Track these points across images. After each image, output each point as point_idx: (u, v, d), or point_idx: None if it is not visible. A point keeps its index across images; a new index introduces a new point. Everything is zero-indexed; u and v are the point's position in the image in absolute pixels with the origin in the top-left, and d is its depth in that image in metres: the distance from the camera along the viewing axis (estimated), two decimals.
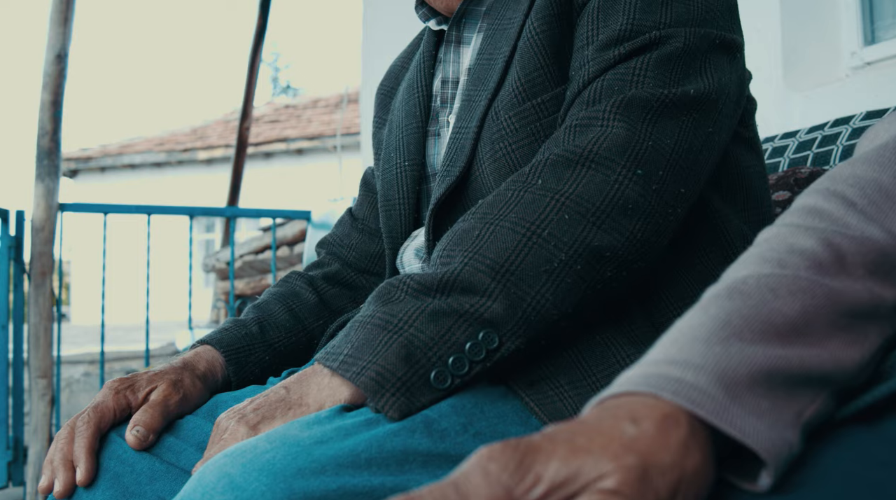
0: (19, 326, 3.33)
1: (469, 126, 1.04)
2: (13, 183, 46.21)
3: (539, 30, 1.01)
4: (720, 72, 0.97)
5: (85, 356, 4.78)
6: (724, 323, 0.53)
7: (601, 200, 0.87)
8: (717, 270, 0.99)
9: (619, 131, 0.89)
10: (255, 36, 5.32)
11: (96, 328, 11.03)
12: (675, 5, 0.97)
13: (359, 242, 1.32)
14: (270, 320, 1.22)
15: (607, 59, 0.95)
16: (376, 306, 0.87)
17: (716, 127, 0.95)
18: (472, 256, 0.86)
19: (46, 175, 3.42)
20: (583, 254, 0.85)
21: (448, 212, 1.05)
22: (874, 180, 0.63)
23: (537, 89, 1.00)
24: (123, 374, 4.17)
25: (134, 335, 9.91)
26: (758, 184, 1.09)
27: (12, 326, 3.32)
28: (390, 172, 1.18)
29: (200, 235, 16.42)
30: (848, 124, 1.49)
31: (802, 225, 0.61)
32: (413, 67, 1.24)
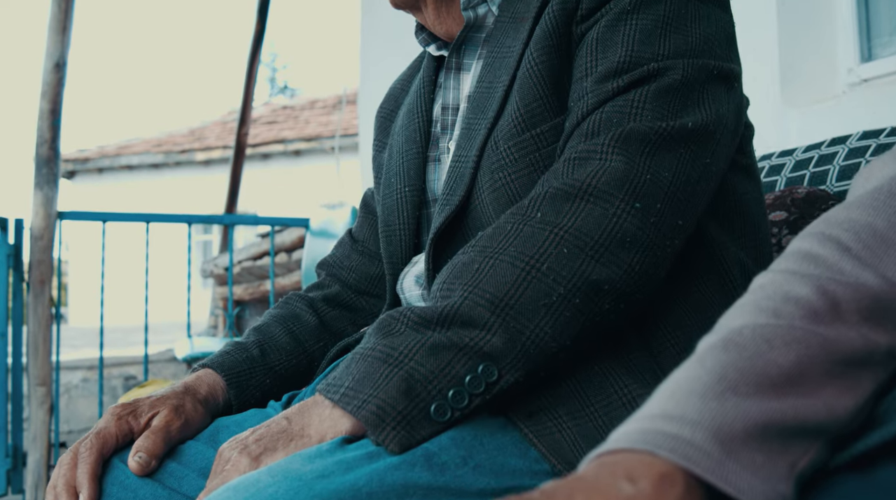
0: (18, 333, 3.34)
1: (469, 155, 1.05)
2: (12, 191, 46.21)
3: (538, 60, 1.02)
4: (718, 103, 0.98)
5: (83, 362, 4.78)
6: (720, 377, 0.54)
7: (599, 234, 0.88)
8: (714, 298, 1.00)
9: (617, 165, 0.90)
10: (254, 41, 5.32)
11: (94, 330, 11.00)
12: (674, 37, 0.98)
13: (359, 264, 1.33)
14: (271, 342, 1.23)
15: (606, 91, 0.96)
16: (377, 338, 0.88)
17: (713, 158, 0.96)
18: (471, 289, 0.87)
19: (45, 183, 3.42)
20: (581, 287, 0.86)
21: (448, 240, 1.06)
22: (868, 225, 0.64)
23: (536, 120, 1.01)
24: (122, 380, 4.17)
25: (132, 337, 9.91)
26: (755, 210, 1.10)
27: (11, 333, 3.33)
28: (391, 198, 1.19)
29: (198, 236, 16.42)
30: (844, 144, 1.50)
31: (798, 271, 0.62)
32: (413, 92, 1.25)
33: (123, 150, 16.43)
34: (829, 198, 1.41)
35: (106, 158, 16.32)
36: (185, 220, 3.68)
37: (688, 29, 0.99)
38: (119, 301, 6.35)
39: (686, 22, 0.99)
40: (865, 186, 0.71)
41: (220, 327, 4.89)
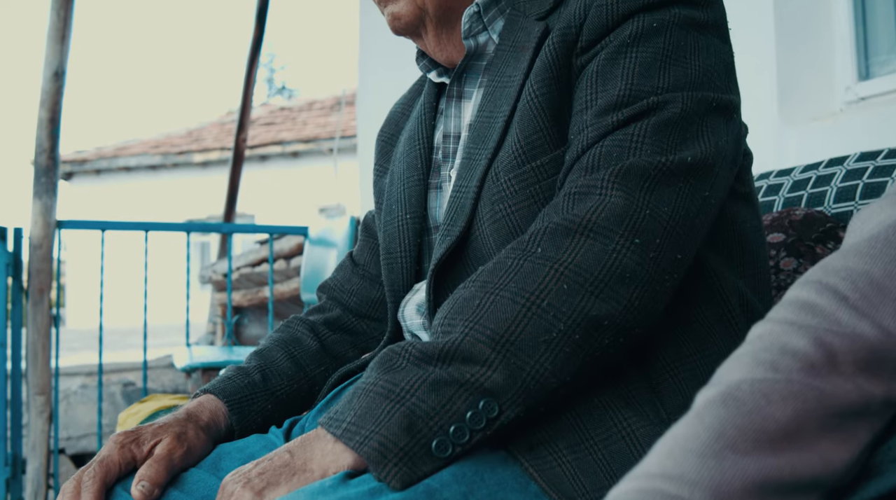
0: (18, 341, 3.35)
1: (469, 185, 1.06)
2: (11, 200, 46.15)
3: (539, 92, 1.02)
4: (717, 135, 0.98)
5: (82, 368, 4.79)
6: (718, 434, 0.55)
7: (599, 270, 0.89)
8: (713, 328, 1.01)
9: (617, 201, 0.91)
10: (252, 46, 5.33)
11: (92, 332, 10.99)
12: (673, 69, 0.98)
13: (360, 287, 1.34)
14: (272, 367, 1.24)
15: (606, 125, 0.97)
16: (379, 373, 0.89)
17: (712, 190, 0.97)
18: (472, 326, 0.88)
19: (44, 192, 3.43)
20: (581, 323, 0.87)
21: (449, 270, 1.07)
22: (865, 273, 0.65)
23: (536, 152, 1.02)
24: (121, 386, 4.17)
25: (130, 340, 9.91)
26: (753, 238, 1.11)
27: (11, 341, 3.33)
28: (392, 225, 1.20)
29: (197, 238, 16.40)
30: (842, 165, 1.51)
31: (795, 322, 0.63)
32: (414, 118, 1.26)
33: (121, 151, 16.42)
34: (826, 220, 1.41)
35: (103, 160, 16.31)
36: (183, 228, 3.68)
37: (687, 61, 0.99)
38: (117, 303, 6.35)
39: (686, 54, 1.00)
40: (863, 229, 0.72)
41: (219, 333, 4.90)
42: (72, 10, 3.53)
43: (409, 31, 1.19)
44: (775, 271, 1.39)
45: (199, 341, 5.25)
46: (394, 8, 1.17)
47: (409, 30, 1.19)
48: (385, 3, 1.18)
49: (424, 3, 1.15)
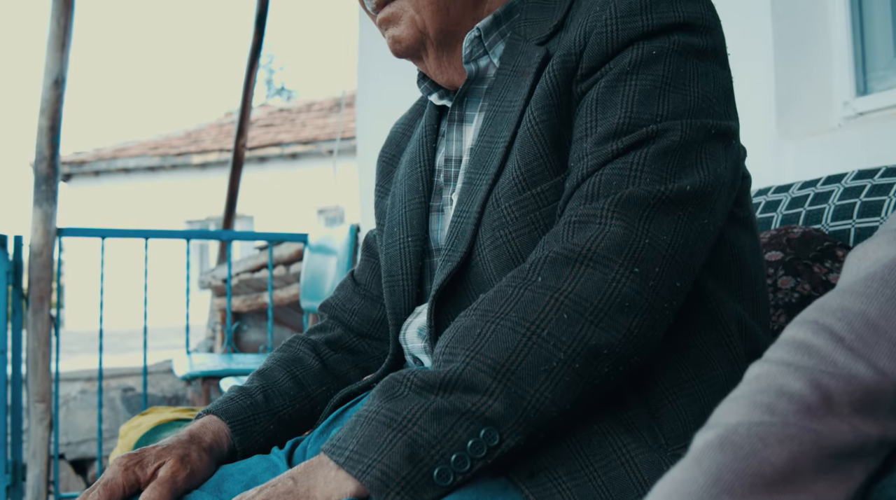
0: (17, 349, 3.35)
1: (470, 211, 1.07)
2: (11, 207, 46.11)
3: (539, 119, 1.03)
4: (716, 162, 0.99)
5: (82, 374, 4.79)
6: (715, 479, 0.56)
7: (599, 299, 0.90)
8: (712, 352, 1.02)
9: (616, 230, 0.92)
10: (251, 52, 5.33)
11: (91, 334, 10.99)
12: (673, 96, 0.99)
13: (361, 307, 1.35)
14: (274, 388, 1.25)
15: (605, 153, 0.98)
16: (381, 401, 0.90)
17: (711, 218, 0.98)
18: (473, 355, 0.89)
19: (44, 200, 3.44)
20: (581, 352, 0.88)
21: (450, 296, 1.08)
22: (861, 313, 0.66)
23: (537, 179, 1.03)
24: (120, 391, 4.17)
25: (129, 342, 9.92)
26: (752, 262, 1.12)
27: (11, 348, 3.34)
28: (394, 247, 1.20)
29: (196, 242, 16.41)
30: (840, 183, 1.52)
31: (792, 363, 0.64)
32: (415, 140, 1.27)
33: (120, 152, 16.42)
34: (824, 239, 1.42)
35: (102, 161, 16.32)
36: (183, 236, 3.69)
37: (686, 88, 1.00)
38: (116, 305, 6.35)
39: (685, 81, 1.01)
40: (859, 266, 0.73)
41: (219, 339, 4.91)
42: (72, 17, 3.53)
43: (409, 54, 1.20)
44: (773, 290, 1.40)
45: (199, 346, 5.25)
46: (394, 31, 1.18)
47: (410, 53, 1.20)
48: (386, 26, 1.19)
49: (425, 27, 1.16)
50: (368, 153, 4.02)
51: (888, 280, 0.68)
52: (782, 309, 1.37)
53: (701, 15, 1.05)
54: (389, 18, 1.17)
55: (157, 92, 53.67)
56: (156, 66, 59.57)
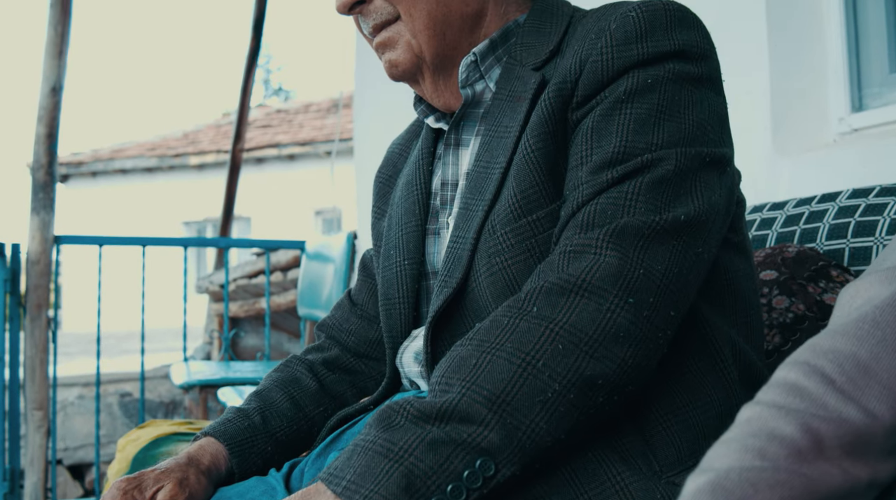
0: (15, 357, 3.36)
1: (466, 237, 1.08)
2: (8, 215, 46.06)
3: (535, 147, 1.04)
4: (710, 190, 1.00)
5: (79, 379, 4.80)
6: None
7: (594, 329, 0.90)
8: (706, 378, 1.03)
9: (611, 260, 0.93)
10: (249, 57, 5.33)
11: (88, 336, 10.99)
12: (667, 125, 1.00)
13: (358, 327, 1.36)
14: (272, 409, 1.26)
15: (600, 182, 0.98)
16: (377, 430, 0.91)
17: (705, 246, 0.99)
18: (469, 385, 0.89)
19: (42, 208, 3.44)
20: (576, 383, 0.89)
21: (446, 322, 1.08)
22: (852, 355, 0.67)
23: (532, 206, 1.04)
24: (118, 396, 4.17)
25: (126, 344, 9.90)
26: (745, 286, 1.12)
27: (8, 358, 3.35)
28: (390, 270, 1.21)
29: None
30: (835, 201, 1.53)
31: (783, 406, 0.65)
32: (412, 163, 1.27)
33: (117, 153, 16.40)
34: (819, 258, 1.43)
35: (100, 162, 16.30)
36: (181, 243, 3.70)
37: (681, 116, 1.01)
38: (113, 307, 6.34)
39: (680, 109, 1.01)
40: (851, 304, 0.74)
41: (216, 344, 4.91)
42: (69, 25, 3.54)
43: (406, 78, 1.21)
44: (767, 310, 1.40)
45: (196, 351, 5.26)
46: (391, 55, 1.19)
47: (407, 77, 1.20)
48: (382, 50, 1.20)
49: (422, 51, 1.16)
50: (366, 155, 4.02)
51: (879, 322, 0.68)
52: (776, 329, 1.38)
53: (696, 43, 1.06)
54: (386, 43, 1.18)
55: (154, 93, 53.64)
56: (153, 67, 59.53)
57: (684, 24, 1.06)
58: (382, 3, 1.16)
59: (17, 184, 53.15)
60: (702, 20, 1.09)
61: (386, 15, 1.16)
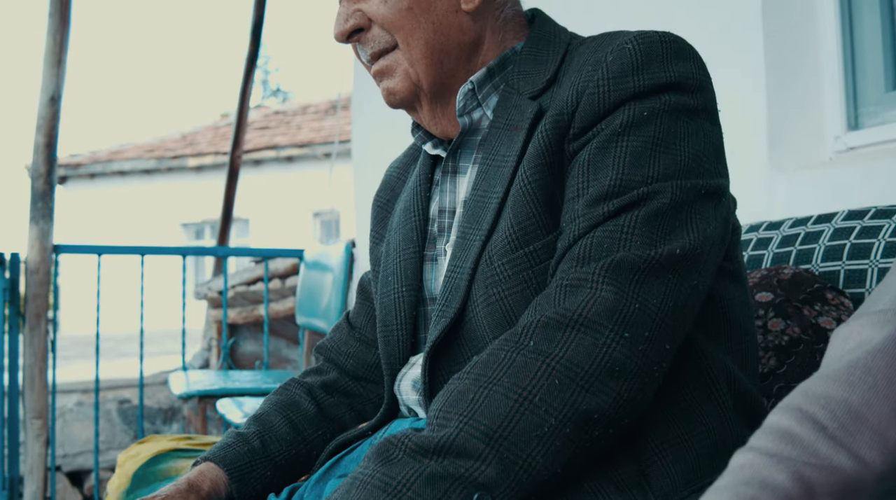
0: (14, 365, 3.37)
1: (464, 267, 1.09)
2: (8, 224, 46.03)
3: (532, 178, 1.05)
4: (705, 221, 1.01)
5: (78, 385, 4.80)
6: None
7: (589, 364, 0.91)
8: (701, 407, 1.04)
9: (607, 295, 0.94)
10: (247, 63, 5.33)
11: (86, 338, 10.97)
12: (663, 157, 1.01)
13: (356, 350, 1.37)
14: (271, 433, 1.27)
15: (597, 215, 0.99)
16: (376, 464, 0.91)
17: (700, 278, 1.00)
18: (467, 420, 0.90)
19: (41, 218, 3.45)
20: (572, 418, 0.90)
21: (443, 352, 1.09)
22: (844, 401, 0.68)
23: (529, 237, 1.05)
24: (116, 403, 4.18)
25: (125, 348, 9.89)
26: (741, 313, 1.13)
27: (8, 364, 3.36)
28: (388, 297, 1.22)
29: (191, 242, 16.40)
30: (830, 222, 1.54)
31: (775, 454, 0.66)
32: (409, 188, 1.28)
33: (115, 155, 16.40)
34: (814, 280, 1.44)
35: (98, 164, 16.29)
36: (179, 252, 3.71)
37: (677, 148, 1.02)
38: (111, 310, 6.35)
39: (676, 141, 1.02)
40: (844, 346, 0.75)
41: (215, 351, 4.92)
42: (67, 34, 3.54)
43: (404, 106, 1.22)
44: (763, 332, 1.41)
45: (195, 357, 5.26)
46: (389, 83, 1.19)
47: (405, 105, 1.21)
48: (380, 78, 1.21)
49: (419, 80, 1.17)
50: (364, 157, 4.02)
51: (871, 367, 0.69)
52: (772, 352, 1.39)
53: (692, 74, 1.06)
54: (384, 71, 1.19)
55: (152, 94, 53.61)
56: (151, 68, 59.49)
57: (680, 55, 1.07)
58: (380, 31, 1.17)
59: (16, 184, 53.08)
60: (697, 51, 1.10)
61: (384, 43, 1.17)
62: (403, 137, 1.24)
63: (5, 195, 52.90)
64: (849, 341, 0.75)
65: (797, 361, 1.37)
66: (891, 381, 0.69)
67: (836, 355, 0.75)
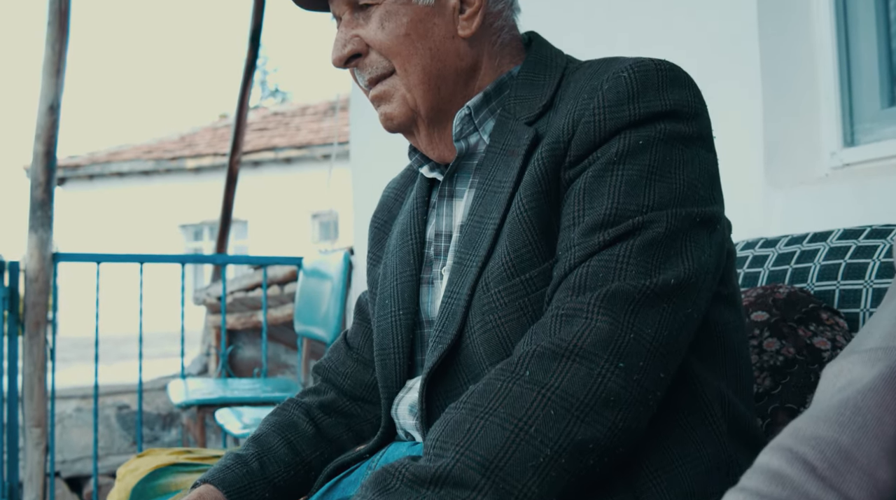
0: (13, 375, 3.38)
1: (461, 293, 1.09)
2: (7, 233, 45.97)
3: (528, 206, 1.06)
4: (700, 249, 1.02)
5: (77, 391, 4.81)
6: None
7: (585, 395, 0.92)
8: (695, 433, 1.05)
9: (602, 326, 0.95)
10: (246, 68, 5.34)
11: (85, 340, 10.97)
12: (658, 186, 1.02)
13: (354, 370, 1.37)
14: (270, 455, 1.27)
15: (592, 244, 1.00)
16: (373, 494, 0.92)
17: (695, 306, 1.01)
18: (463, 451, 0.91)
19: (40, 226, 3.46)
20: (567, 448, 0.91)
21: (440, 378, 1.10)
22: (834, 442, 0.69)
23: (525, 265, 1.05)
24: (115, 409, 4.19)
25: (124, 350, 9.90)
26: (735, 338, 1.14)
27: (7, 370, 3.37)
28: (385, 320, 1.23)
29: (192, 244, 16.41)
30: (825, 241, 1.54)
31: (766, 495, 0.67)
32: (406, 211, 1.29)
33: (114, 156, 16.41)
34: (809, 300, 1.45)
35: (96, 165, 16.30)
36: (178, 260, 3.72)
37: (672, 176, 1.03)
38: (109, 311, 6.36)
39: (671, 168, 1.03)
40: (835, 384, 0.76)
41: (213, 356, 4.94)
42: (66, 43, 3.55)
43: (401, 131, 1.23)
44: (758, 352, 1.42)
45: (194, 362, 5.27)
46: (386, 108, 1.20)
47: (402, 129, 1.22)
48: (378, 103, 1.22)
49: (416, 105, 1.18)
50: (363, 159, 4.02)
51: (860, 407, 0.70)
52: (767, 372, 1.40)
53: (687, 102, 1.07)
54: (381, 96, 1.20)
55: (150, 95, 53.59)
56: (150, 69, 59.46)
57: (675, 83, 1.08)
58: (378, 57, 1.18)
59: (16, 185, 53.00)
60: (692, 78, 1.11)
61: (381, 69, 1.18)
62: (401, 139, 1.25)
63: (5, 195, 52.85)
64: (839, 379, 0.76)
65: (792, 381, 1.38)
66: (880, 421, 0.70)
67: (826, 392, 0.75)
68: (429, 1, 1.16)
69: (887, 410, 0.71)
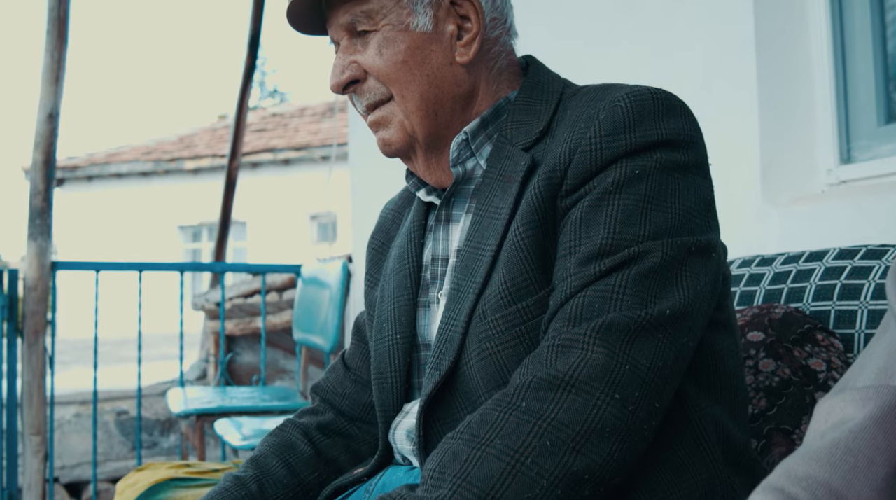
0: (13, 384, 3.38)
1: (458, 320, 1.10)
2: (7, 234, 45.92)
3: (524, 235, 1.07)
4: (695, 278, 1.02)
5: (76, 396, 4.82)
6: None
7: (580, 425, 0.93)
8: (690, 458, 1.06)
9: (598, 357, 0.96)
10: (244, 74, 5.34)
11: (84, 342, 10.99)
12: (654, 215, 1.02)
13: (352, 391, 1.38)
14: (268, 477, 1.28)
15: (588, 274, 1.01)
16: None
17: (690, 335, 1.01)
18: (460, 482, 0.92)
19: (39, 234, 3.46)
20: (563, 479, 0.92)
21: (438, 404, 1.11)
22: (825, 483, 0.69)
23: (522, 293, 1.06)
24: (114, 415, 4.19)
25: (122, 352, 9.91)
26: (730, 362, 1.15)
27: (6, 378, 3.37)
28: (383, 343, 1.24)
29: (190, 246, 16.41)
30: (821, 261, 1.55)
31: None
32: (403, 234, 1.30)
33: (112, 157, 16.41)
34: (805, 321, 1.46)
35: (95, 166, 16.31)
36: (177, 268, 3.73)
37: (668, 205, 1.04)
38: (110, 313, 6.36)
39: (667, 197, 1.04)
40: (827, 422, 0.76)
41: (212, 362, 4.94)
42: (65, 51, 3.55)
43: (399, 156, 1.23)
44: (754, 372, 1.43)
45: (192, 368, 5.28)
46: (384, 134, 1.21)
47: (400, 154, 1.23)
48: (376, 129, 1.22)
49: (414, 131, 1.19)
50: (361, 160, 4.02)
51: (852, 448, 0.71)
52: (763, 392, 1.41)
53: (683, 130, 1.08)
54: (379, 122, 1.21)
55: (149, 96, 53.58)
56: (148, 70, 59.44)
57: (671, 112, 1.08)
58: (376, 83, 1.19)
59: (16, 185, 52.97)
60: (689, 106, 1.11)
61: (379, 95, 1.19)
62: None
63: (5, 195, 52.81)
64: (831, 417, 0.77)
65: (787, 403, 1.39)
66: (871, 461, 0.71)
67: (818, 431, 0.76)
68: (427, 28, 1.16)
69: (878, 450, 0.71)
